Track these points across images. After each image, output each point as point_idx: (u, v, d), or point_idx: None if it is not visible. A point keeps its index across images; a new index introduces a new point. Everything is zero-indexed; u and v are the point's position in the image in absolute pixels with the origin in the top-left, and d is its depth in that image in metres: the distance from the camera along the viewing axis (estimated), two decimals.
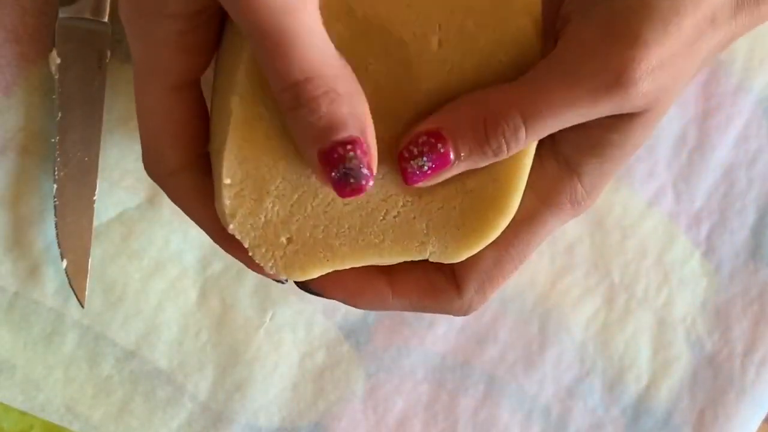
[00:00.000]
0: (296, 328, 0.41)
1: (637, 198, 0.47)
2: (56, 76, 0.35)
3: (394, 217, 0.26)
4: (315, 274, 0.27)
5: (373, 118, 0.23)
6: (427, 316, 0.44)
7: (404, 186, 0.25)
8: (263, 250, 0.26)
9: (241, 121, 0.24)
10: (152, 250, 0.38)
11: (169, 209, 0.38)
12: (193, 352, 0.40)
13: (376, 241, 0.26)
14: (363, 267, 0.27)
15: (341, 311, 0.42)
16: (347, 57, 0.23)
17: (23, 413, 0.37)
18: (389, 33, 0.24)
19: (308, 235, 0.25)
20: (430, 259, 0.27)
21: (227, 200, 0.25)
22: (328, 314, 0.42)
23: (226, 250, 0.28)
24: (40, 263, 0.37)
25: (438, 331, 0.44)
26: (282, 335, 0.41)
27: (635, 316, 0.48)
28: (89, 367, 0.38)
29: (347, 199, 0.25)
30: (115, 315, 0.38)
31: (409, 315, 0.44)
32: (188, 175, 0.27)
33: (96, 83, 0.36)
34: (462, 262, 0.28)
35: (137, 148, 0.37)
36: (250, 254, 0.26)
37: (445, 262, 0.27)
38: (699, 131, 0.48)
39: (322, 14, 0.22)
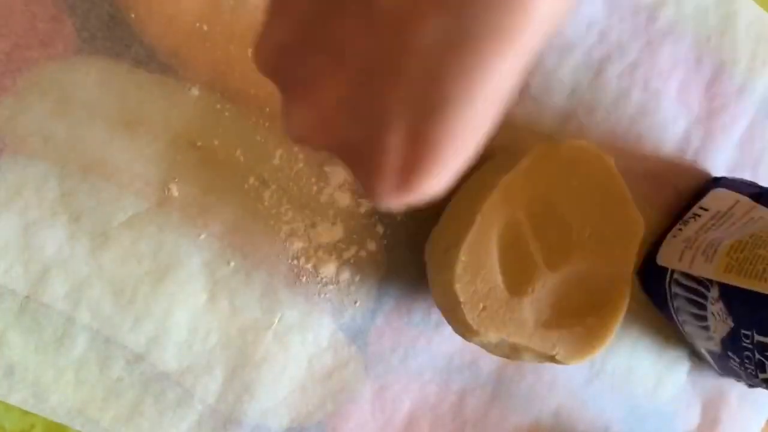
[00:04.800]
0: (304, 330, 0.42)
1: None
2: None
3: (542, 324, 0.39)
4: (492, 336, 0.38)
5: (544, 260, 0.39)
6: (433, 316, 0.44)
7: (550, 308, 0.39)
8: (469, 306, 0.38)
9: (477, 230, 0.38)
10: (161, 253, 0.39)
11: (178, 212, 0.39)
12: (202, 354, 0.40)
13: (529, 332, 0.39)
14: None
15: (349, 313, 0.42)
16: (533, 220, 0.39)
17: (24, 412, 0.38)
18: (566, 221, 0.40)
19: (495, 310, 0.38)
20: (556, 358, 0.40)
21: (459, 270, 0.38)
22: (336, 316, 0.42)
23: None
24: (50, 267, 0.37)
25: (445, 332, 0.44)
26: (290, 337, 0.41)
27: (641, 316, 0.48)
28: (99, 369, 0.38)
29: (520, 302, 0.39)
30: (125, 318, 0.38)
31: (416, 316, 0.44)
32: None
33: None
34: None
35: (146, 152, 0.38)
36: (462, 308, 0.38)
37: (562, 364, 0.40)
38: (703, 132, 0.48)
39: (524, 192, 0.39)
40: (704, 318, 0.43)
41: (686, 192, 0.48)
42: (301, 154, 0.40)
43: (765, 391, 0.51)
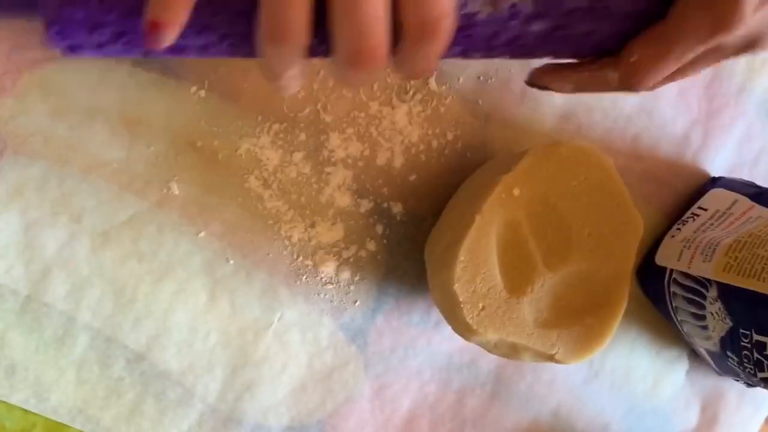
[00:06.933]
0: (304, 329, 0.42)
1: None
2: None
3: (541, 323, 0.39)
4: (492, 336, 0.39)
5: (546, 256, 0.40)
6: (433, 316, 0.44)
7: (550, 308, 0.39)
8: (469, 306, 0.38)
9: (476, 230, 0.38)
10: (162, 253, 0.39)
11: (178, 212, 0.39)
12: (203, 353, 0.40)
13: (528, 332, 0.39)
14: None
15: (348, 312, 0.42)
16: (533, 220, 0.39)
17: (26, 412, 0.38)
18: (565, 221, 0.40)
19: (494, 310, 0.39)
20: (556, 357, 0.40)
21: (458, 269, 0.38)
22: (336, 316, 0.42)
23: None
24: (51, 267, 0.37)
25: (444, 332, 0.44)
26: (290, 336, 0.41)
27: (640, 316, 0.49)
28: (100, 369, 0.38)
29: (519, 301, 0.39)
30: (126, 317, 0.38)
31: (416, 316, 0.44)
32: None
33: None
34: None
35: (146, 152, 0.38)
36: (462, 308, 0.38)
37: (561, 363, 0.40)
38: (703, 132, 0.48)
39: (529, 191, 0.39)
40: (703, 317, 0.43)
41: (685, 192, 0.48)
42: (300, 153, 0.41)
43: (764, 390, 0.51)
